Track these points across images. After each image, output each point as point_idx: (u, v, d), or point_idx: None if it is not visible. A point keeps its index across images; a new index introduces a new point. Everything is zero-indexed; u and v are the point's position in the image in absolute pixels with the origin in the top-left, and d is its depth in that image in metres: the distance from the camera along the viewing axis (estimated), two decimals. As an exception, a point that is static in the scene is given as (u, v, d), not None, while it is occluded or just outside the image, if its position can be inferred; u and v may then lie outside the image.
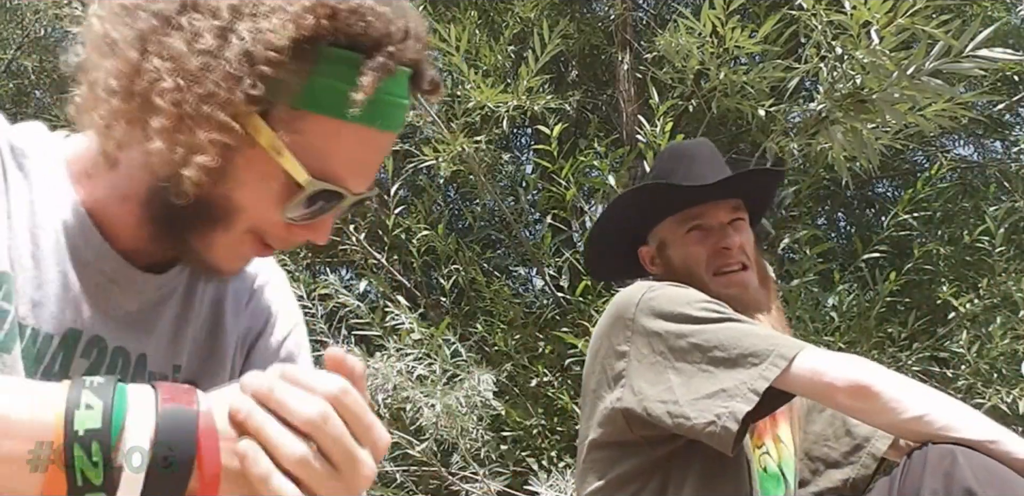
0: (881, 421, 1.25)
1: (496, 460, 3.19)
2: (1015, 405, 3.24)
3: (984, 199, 4.13)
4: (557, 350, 3.45)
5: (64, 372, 0.79)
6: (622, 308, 1.41)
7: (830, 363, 1.25)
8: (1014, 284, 3.36)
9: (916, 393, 1.22)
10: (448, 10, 4.02)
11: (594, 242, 1.66)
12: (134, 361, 0.85)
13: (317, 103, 0.76)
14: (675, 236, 1.53)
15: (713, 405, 1.25)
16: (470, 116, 3.36)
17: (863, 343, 3.42)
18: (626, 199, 1.59)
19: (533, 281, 4.58)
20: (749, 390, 1.24)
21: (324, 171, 0.77)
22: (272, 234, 0.81)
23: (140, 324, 0.86)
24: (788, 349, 1.26)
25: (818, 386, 1.25)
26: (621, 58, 4.41)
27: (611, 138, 3.68)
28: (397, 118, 0.81)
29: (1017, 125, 5.09)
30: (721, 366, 1.28)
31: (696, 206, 1.51)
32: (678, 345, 1.33)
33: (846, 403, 1.24)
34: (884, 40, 2.55)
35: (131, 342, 0.85)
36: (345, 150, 0.78)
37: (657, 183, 1.54)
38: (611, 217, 1.61)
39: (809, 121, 2.94)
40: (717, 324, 1.32)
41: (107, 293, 0.83)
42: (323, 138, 0.77)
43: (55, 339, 0.79)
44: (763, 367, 1.25)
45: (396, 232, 3.71)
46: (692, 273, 1.49)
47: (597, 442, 1.42)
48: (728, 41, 2.94)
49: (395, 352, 3.11)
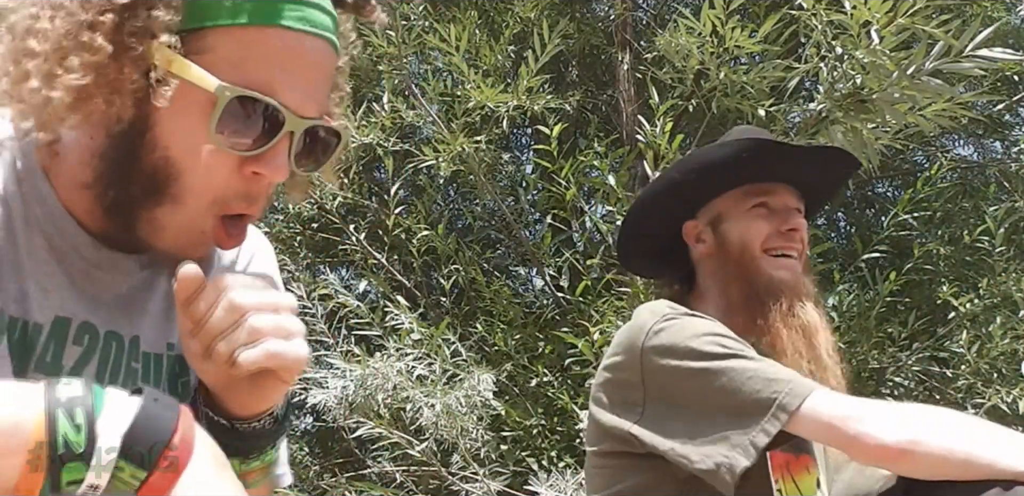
0: (920, 474, 1.17)
1: (496, 460, 3.19)
2: (1015, 405, 3.24)
3: (984, 199, 4.13)
4: (557, 350, 3.45)
5: (57, 360, 0.79)
6: (634, 336, 1.34)
7: (835, 414, 1.18)
8: (1014, 284, 3.36)
9: (943, 430, 1.14)
10: (448, 10, 4.02)
11: (639, 210, 1.53)
12: (127, 344, 0.84)
13: (208, 14, 0.72)
14: (737, 210, 1.45)
15: (715, 452, 1.22)
16: (470, 116, 3.36)
17: (863, 343, 3.42)
18: (712, 153, 1.46)
19: (533, 281, 4.58)
20: (750, 443, 1.20)
21: (244, 80, 0.72)
22: (232, 189, 0.76)
23: (131, 306, 0.85)
24: (792, 398, 1.20)
25: (828, 438, 1.21)
26: (621, 58, 4.41)
27: (611, 138, 3.68)
28: (314, 18, 0.75)
29: (1017, 125, 5.09)
30: (724, 412, 1.24)
31: (769, 183, 1.45)
32: (682, 386, 1.28)
33: (866, 461, 1.20)
34: (884, 40, 2.55)
35: (123, 325, 0.84)
36: (258, 56, 0.73)
37: (768, 139, 1.45)
38: (672, 178, 1.49)
39: (809, 121, 2.94)
40: (723, 362, 1.26)
41: (92, 278, 0.82)
42: (231, 50, 0.73)
43: (45, 328, 0.78)
44: (766, 419, 1.20)
45: (396, 232, 3.71)
46: (746, 249, 1.42)
47: (606, 451, 1.39)
48: (728, 41, 2.94)
49: (395, 352, 3.11)
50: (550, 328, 3.51)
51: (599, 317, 3.15)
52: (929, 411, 1.21)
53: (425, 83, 3.53)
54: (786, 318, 1.39)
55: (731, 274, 1.45)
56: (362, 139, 3.53)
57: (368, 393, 3.02)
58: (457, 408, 2.99)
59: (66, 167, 0.79)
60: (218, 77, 0.72)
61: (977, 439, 1.13)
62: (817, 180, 1.51)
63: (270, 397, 0.81)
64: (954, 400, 3.58)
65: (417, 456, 3.11)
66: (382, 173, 4.02)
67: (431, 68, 4.13)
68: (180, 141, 0.74)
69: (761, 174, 1.45)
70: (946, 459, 1.12)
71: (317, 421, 4.43)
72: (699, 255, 1.50)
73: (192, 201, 0.76)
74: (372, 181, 4.40)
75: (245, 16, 0.72)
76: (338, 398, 3.05)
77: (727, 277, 1.46)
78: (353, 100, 3.69)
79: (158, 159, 0.74)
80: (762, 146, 1.43)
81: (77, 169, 0.78)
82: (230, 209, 0.78)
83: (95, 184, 0.77)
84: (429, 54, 4.16)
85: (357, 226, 3.75)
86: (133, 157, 0.75)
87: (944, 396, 3.65)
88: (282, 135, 0.76)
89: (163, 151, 0.74)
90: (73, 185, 0.79)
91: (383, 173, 3.90)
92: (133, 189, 0.75)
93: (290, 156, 0.77)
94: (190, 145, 0.74)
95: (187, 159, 0.74)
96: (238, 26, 0.73)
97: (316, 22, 0.76)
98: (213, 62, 0.72)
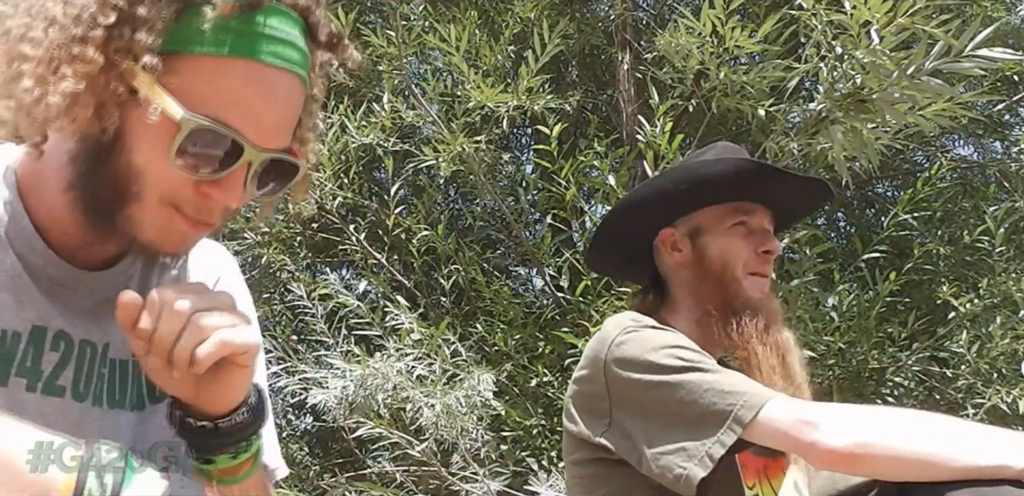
0: (878, 476, 1.18)
1: (496, 460, 3.19)
2: (1015, 405, 3.24)
3: (984, 199, 4.13)
4: (557, 350, 3.45)
5: (36, 365, 0.83)
6: (598, 348, 1.38)
7: (790, 422, 1.19)
8: (1014, 284, 3.36)
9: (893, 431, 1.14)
10: (448, 10, 4.02)
11: (621, 211, 1.56)
12: (100, 350, 0.89)
13: (189, 41, 0.76)
14: (719, 225, 1.49)
15: (673, 463, 1.24)
16: (470, 116, 3.36)
17: (863, 343, 3.42)
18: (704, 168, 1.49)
19: (533, 281, 4.58)
20: (706, 454, 1.22)
21: (208, 110, 0.77)
22: (183, 198, 0.80)
23: (99, 316, 0.89)
24: (747, 410, 1.21)
25: (786, 446, 1.23)
26: (621, 58, 4.41)
27: (611, 138, 3.67)
28: (287, 54, 0.80)
29: (1017, 125, 5.09)
30: (682, 424, 1.26)
31: (751, 203, 1.49)
32: (643, 398, 1.31)
33: (822, 467, 1.21)
34: (884, 40, 2.55)
35: (95, 333, 0.88)
36: (229, 87, 0.77)
37: (761, 162, 1.50)
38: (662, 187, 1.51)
39: (809, 121, 2.94)
40: (681, 375, 1.28)
41: (59, 294, 0.86)
42: (205, 78, 0.77)
43: (23, 336, 0.83)
44: (722, 430, 1.22)
45: (396, 232, 3.71)
46: (728, 267, 1.46)
47: (581, 460, 1.42)
48: (728, 41, 2.94)
49: (395, 352, 3.12)
50: (550, 328, 3.51)
51: (599, 317, 3.15)
52: (884, 413, 1.21)
53: (425, 83, 3.53)
54: (762, 335, 1.42)
55: (709, 288, 1.48)
56: (362, 139, 3.53)
57: (368, 393, 3.02)
58: (457, 408, 2.99)
59: (48, 172, 0.83)
60: (186, 102, 0.76)
61: (932, 438, 1.13)
62: (794, 206, 1.56)
63: (238, 386, 0.85)
64: (954, 400, 3.59)
65: (417, 456, 3.11)
66: (382, 173, 4.02)
67: (431, 68, 4.13)
68: (145, 150, 0.78)
69: (748, 194, 1.49)
70: (897, 460, 1.12)
71: (317, 421, 4.43)
72: (673, 263, 1.53)
73: (149, 198, 0.80)
74: (372, 181, 4.40)
75: (222, 47, 0.76)
76: (338, 398, 3.05)
77: (704, 290, 1.48)
78: (353, 100, 3.70)
79: (124, 163, 0.78)
80: (760, 169, 1.48)
81: (56, 174, 0.82)
82: (182, 210, 0.81)
83: (73, 187, 0.81)
84: (429, 54, 4.16)
85: (357, 226, 3.75)
86: (103, 161, 0.79)
87: (944, 396, 3.65)
88: (239, 165, 0.79)
89: (128, 155, 0.78)
90: (56, 189, 0.83)
91: (383, 173, 3.90)
92: (104, 190, 0.79)
93: (245, 184, 0.81)
94: (153, 157, 0.78)
95: (148, 166, 0.78)
96: (214, 55, 0.77)
97: (288, 58, 0.80)
98: (185, 86, 0.76)
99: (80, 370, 0.87)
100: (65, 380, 0.85)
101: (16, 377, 0.82)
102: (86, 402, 0.86)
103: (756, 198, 1.50)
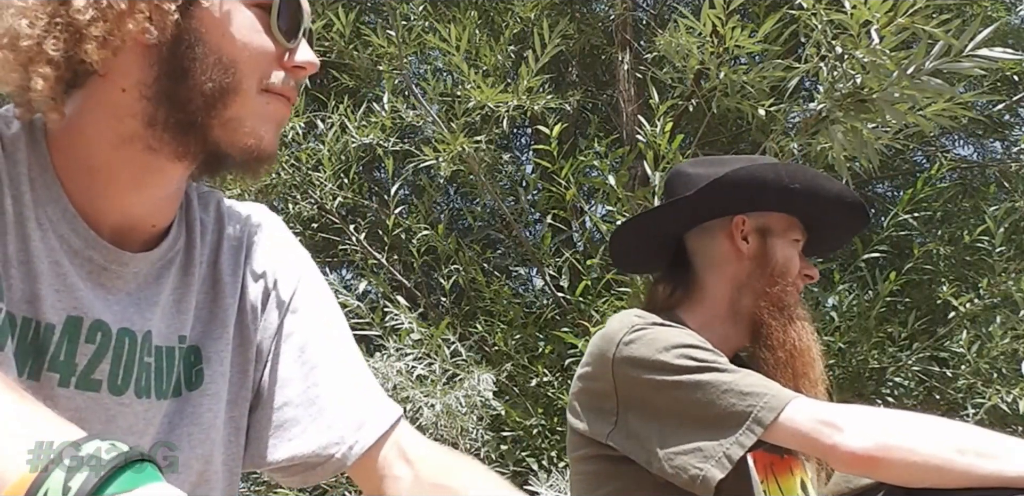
0: (896, 481, 1.17)
1: (496, 460, 3.19)
2: (1015, 405, 3.24)
3: (984, 199, 4.13)
4: (557, 350, 3.45)
5: (71, 359, 0.80)
6: (605, 346, 1.36)
7: (812, 424, 1.19)
8: (1014, 284, 3.36)
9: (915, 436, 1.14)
10: (448, 10, 4.02)
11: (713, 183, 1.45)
12: (140, 339, 0.85)
13: None
14: (785, 234, 1.49)
15: (688, 463, 1.23)
16: (470, 116, 3.36)
17: (863, 343, 3.42)
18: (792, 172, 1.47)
19: (533, 281, 4.58)
20: (724, 455, 1.21)
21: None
22: (276, 76, 0.84)
23: (141, 302, 0.86)
24: (768, 412, 1.21)
25: (807, 449, 1.22)
26: (621, 58, 4.41)
27: (611, 138, 3.68)
28: None
29: (1017, 125, 5.10)
30: (697, 425, 1.25)
31: (812, 231, 1.52)
32: (656, 398, 1.30)
33: (843, 470, 1.21)
34: (884, 40, 2.55)
35: (136, 321, 0.85)
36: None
37: (862, 203, 1.52)
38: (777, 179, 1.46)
39: (809, 121, 2.94)
40: (697, 375, 1.27)
41: (100, 279, 0.84)
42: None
43: (57, 328, 0.79)
44: (740, 431, 1.21)
45: (396, 232, 3.71)
46: (787, 275, 1.46)
47: (585, 457, 1.41)
48: (728, 41, 2.94)
49: (395, 352, 3.12)
50: (550, 328, 3.51)
51: (599, 317, 3.15)
52: (905, 416, 1.20)
53: (425, 83, 3.54)
54: (789, 336, 1.42)
55: (763, 284, 1.45)
56: (362, 139, 3.53)
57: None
58: (457, 408, 2.99)
59: (91, 133, 0.82)
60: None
61: (952, 444, 1.12)
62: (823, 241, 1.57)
63: None
64: (954, 400, 3.59)
65: (417, 456, 3.10)
66: (382, 173, 4.02)
67: (431, 68, 4.13)
68: (229, 41, 0.81)
69: (821, 221, 1.50)
70: (917, 465, 1.12)
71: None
72: (731, 252, 1.47)
73: (248, 88, 0.82)
74: (372, 181, 4.41)
75: None
76: (338, 398, 3.05)
77: (755, 285, 1.45)
78: (353, 100, 3.70)
79: (214, 63, 0.80)
80: (855, 203, 1.49)
81: (112, 130, 0.81)
82: (273, 89, 0.84)
83: (148, 125, 0.81)
84: (429, 54, 4.17)
85: (357, 226, 3.75)
86: (186, 74, 0.80)
87: (944, 396, 3.65)
88: (304, 28, 0.87)
89: (216, 54, 0.80)
90: (108, 147, 0.82)
91: (383, 173, 3.90)
92: (194, 103, 0.80)
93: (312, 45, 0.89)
94: (240, 44, 0.82)
95: (240, 54, 0.82)
96: None
97: None
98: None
99: (118, 362, 0.83)
100: (102, 374, 0.81)
101: (48, 372, 0.78)
102: (125, 395, 0.83)
103: (818, 226, 1.51)
